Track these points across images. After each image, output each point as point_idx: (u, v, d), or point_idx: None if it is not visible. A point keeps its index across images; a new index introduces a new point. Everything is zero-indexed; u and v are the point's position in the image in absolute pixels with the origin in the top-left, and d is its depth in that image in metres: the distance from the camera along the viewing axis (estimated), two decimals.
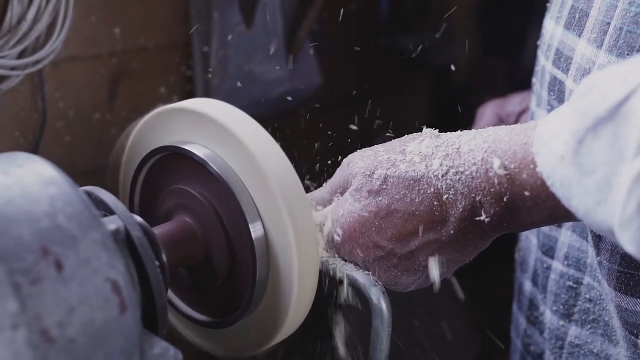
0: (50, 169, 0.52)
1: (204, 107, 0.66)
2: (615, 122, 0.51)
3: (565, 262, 0.83)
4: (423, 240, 0.67)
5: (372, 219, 0.67)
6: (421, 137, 0.69)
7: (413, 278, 0.70)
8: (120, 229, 0.55)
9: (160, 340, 0.55)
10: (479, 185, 0.63)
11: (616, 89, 0.52)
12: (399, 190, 0.66)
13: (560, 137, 0.56)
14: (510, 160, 0.61)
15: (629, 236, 0.51)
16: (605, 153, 0.52)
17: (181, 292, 0.73)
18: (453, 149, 0.65)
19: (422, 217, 0.66)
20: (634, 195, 0.50)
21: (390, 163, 0.68)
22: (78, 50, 1.06)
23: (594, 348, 0.81)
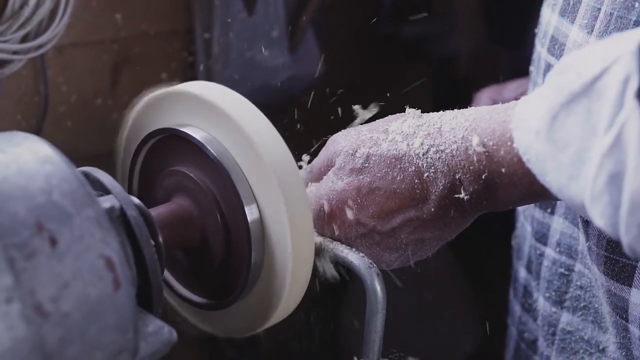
0: (46, 147, 0.53)
1: (203, 90, 0.67)
2: (589, 98, 0.52)
3: (557, 249, 0.84)
4: (404, 218, 0.68)
5: (355, 197, 0.69)
6: (404, 117, 0.70)
7: (395, 256, 0.71)
8: (114, 206, 0.56)
9: (154, 318, 0.56)
10: (458, 163, 0.65)
11: (591, 66, 0.52)
12: (381, 169, 0.68)
13: (537, 113, 0.56)
14: (489, 138, 0.62)
15: (599, 210, 0.52)
16: (579, 129, 0.53)
17: (179, 275, 0.74)
18: (434, 128, 0.66)
19: (404, 195, 0.67)
20: (603, 170, 0.50)
21: (373, 142, 0.69)
22: (80, 36, 1.06)
23: (585, 335, 0.81)
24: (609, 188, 0.50)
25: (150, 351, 0.54)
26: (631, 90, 0.49)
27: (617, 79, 0.50)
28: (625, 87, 0.49)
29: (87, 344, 0.48)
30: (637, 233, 0.50)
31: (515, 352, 1.00)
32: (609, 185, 0.50)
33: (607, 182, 0.50)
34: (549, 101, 0.55)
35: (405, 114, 0.70)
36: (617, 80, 0.50)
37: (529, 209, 0.92)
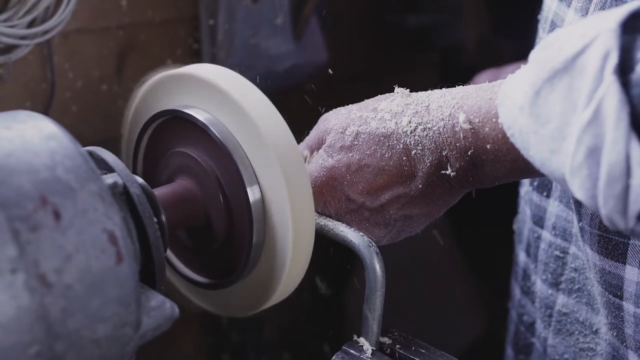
0: (51, 125, 0.54)
1: (206, 73, 0.68)
2: (570, 74, 0.53)
3: (553, 232, 0.85)
4: (393, 194, 0.70)
5: (344, 173, 0.70)
6: (393, 96, 0.72)
7: (384, 231, 0.73)
8: (117, 182, 0.57)
9: (157, 294, 0.57)
10: (445, 140, 0.66)
11: (573, 43, 0.54)
12: (370, 146, 0.69)
13: (521, 89, 0.58)
14: (475, 115, 0.64)
15: (578, 183, 0.53)
16: (560, 104, 0.54)
17: (182, 255, 0.75)
18: (422, 107, 0.68)
19: (392, 172, 0.69)
20: (582, 144, 0.52)
21: (362, 120, 0.71)
22: (86, 23, 1.07)
23: (580, 317, 0.83)
24: (587, 161, 0.52)
25: (153, 325, 0.55)
26: (610, 66, 0.50)
27: (597, 55, 0.51)
28: (604, 63, 0.51)
29: (89, 315, 0.49)
30: (614, 205, 0.52)
31: (515, 335, 1.01)
32: (587, 158, 0.52)
33: (586, 156, 0.52)
34: (532, 77, 0.56)
35: (394, 93, 0.72)
36: (596, 56, 0.51)
37: (528, 193, 0.93)
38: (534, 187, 0.90)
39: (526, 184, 0.96)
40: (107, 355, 0.51)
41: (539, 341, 0.91)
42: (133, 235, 0.57)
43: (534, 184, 0.90)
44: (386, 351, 0.66)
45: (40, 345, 0.46)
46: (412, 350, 0.66)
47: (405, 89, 0.72)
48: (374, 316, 0.65)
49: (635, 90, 0.49)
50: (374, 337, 0.66)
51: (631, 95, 0.49)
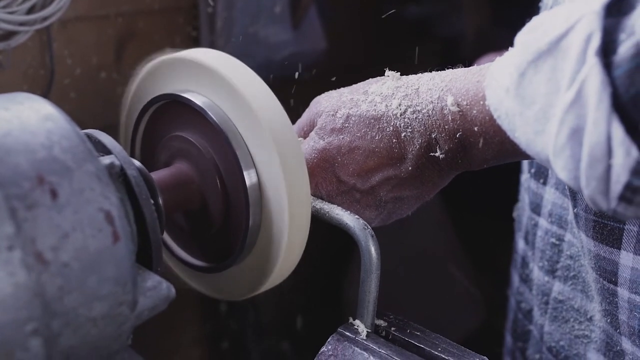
0: (48, 106, 0.54)
1: (204, 57, 0.68)
2: (554, 56, 0.54)
3: (549, 219, 0.85)
4: (383, 176, 0.71)
5: (335, 155, 0.71)
6: (384, 79, 0.73)
7: (375, 213, 0.74)
8: (114, 163, 0.57)
9: (153, 274, 0.57)
10: (434, 122, 0.67)
11: (557, 25, 0.54)
12: (360, 129, 0.70)
13: (506, 71, 0.58)
14: (463, 97, 0.65)
15: (562, 164, 0.54)
16: (544, 85, 0.54)
17: (179, 238, 0.76)
18: (412, 89, 0.69)
19: (382, 154, 0.70)
20: (565, 125, 0.52)
21: (353, 103, 0.71)
22: (85, 10, 1.08)
23: (575, 304, 0.83)
24: (570, 142, 0.52)
25: (149, 305, 0.55)
26: (592, 48, 0.50)
27: (580, 37, 0.52)
28: (587, 44, 0.51)
29: (86, 294, 0.49)
30: (596, 186, 0.52)
31: (514, 322, 1.02)
32: (570, 139, 0.52)
33: (569, 137, 0.52)
34: (517, 59, 0.57)
35: (385, 77, 0.73)
36: (580, 38, 0.52)
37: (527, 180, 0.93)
38: (531, 175, 0.90)
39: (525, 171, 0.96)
40: (104, 334, 0.51)
41: (536, 328, 0.92)
42: (130, 217, 0.58)
43: (532, 171, 0.90)
44: (381, 333, 0.67)
45: (37, 323, 0.47)
46: (407, 332, 0.66)
47: (396, 72, 0.72)
48: (369, 299, 0.66)
49: (617, 71, 0.50)
50: (369, 320, 0.66)
51: (613, 77, 0.50)
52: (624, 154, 0.50)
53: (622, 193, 0.51)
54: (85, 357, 0.51)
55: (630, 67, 0.49)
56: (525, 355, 0.97)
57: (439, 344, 0.65)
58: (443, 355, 0.63)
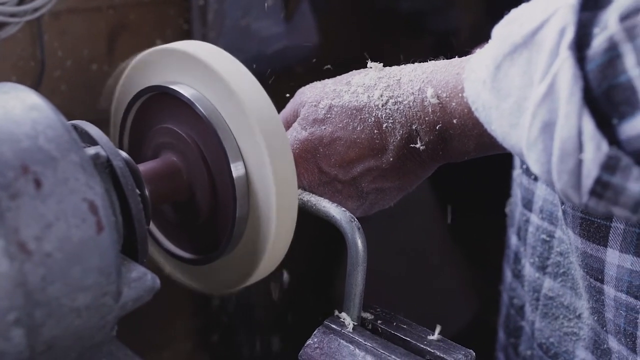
0: (34, 96, 0.54)
1: (193, 48, 0.68)
2: (529, 49, 0.54)
3: (540, 215, 0.85)
4: (364, 167, 0.71)
5: (317, 146, 0.72)
6: (366, 70, 0.73)
7: (357, 204, 0.74)
8: (100, 153, 0.57)
9: (138, 265, 0.57)
10: (415, 114, 0.67)
11: (533, 17, 0.54)
12: (342, 119, 0.70)
13: (483, 63, 0.58)
14: (443, 90, 0.65)
15: (534, 157, 0.54)
16: (519, 78, 0.54)
17: (166, 230, 0.76)
18: (394, 80, 0.69)
19: (363, 145, 0.70)
20: (537, 119, 0.52)
21: (336, 94, 0.72)
22: (77, 2, 1.07)
23: (565, 301, 0.83)
24: (542, 136, 0.52)
25: (134, 296, 0.55)
26: (566, 41, 0.50)
27: (554, 30, 0.51)
28: (560, 38, 0.51)
29: (69, 284, 0.49)
30: (567, 180, 0.52)
31: (506, 318, 1.02)
32: (542, 133, 0.52)
33: (541, 130, 0.52)
34: (494, 51, 0.57)
35: (368, 68, 0.73)
36: (554, 31, 0.51)
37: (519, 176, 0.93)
38: (523, 170, 0.90)
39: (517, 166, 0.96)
40: (87, 324, 0.51)
41: (528, 324, 0.92)
42: (116, 207, 0.58)
43: (524, 167, 0.90)
44: (368, 326, 0.67)
45: (19, 312, 0.47)
46: (394, 325, 0.66)
47: (379, 63, 0.73)
48: (356, 291, 0.66)
49: (590, 65, 0.49)
50: (355, 312, 0.66)
51: (586, 71, 0.50)
52: (594, 149, 0.50)
53: (593, 188, 0.51)
54: (69, 347, 0.51)
55: (603, 61, 0.49)
56: (518, 351, 0.97)
57: (425, 337, 0.65)
58: (429, 348, 0.63)
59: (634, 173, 0.50)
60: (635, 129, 0.48)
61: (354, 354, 0.63)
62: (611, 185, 0.51)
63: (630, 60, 0.48)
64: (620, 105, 0.48)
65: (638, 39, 0.47)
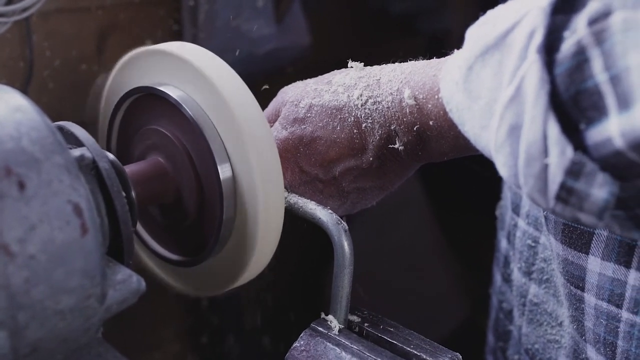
0: (18, 97, 0.54)
1: (180, 50, 0.68)
2: (500, 51, 0.53)
3: (526, 220, 0.85)
4: (345, 167, 0.71)
5: (297, 145, 0.72)
6: (347, 70, 0.72)
7: (338, 203, 0.74)
8: (85, 155, 0.57)
9: (124, 267, 0.57)
10: (393, 114, 0.67)
11: (506, 19, 0.54)
12: (322, 119, 0.70)
13: (455, 64, 0.58)
14: (420, 91, 0.65)
15: (502, 160, 0.54)
16: (490, 80, 0.54)
17: (153, 232, 0.75)
18: (374, 80, 0.69)
19: (343, 145, 0.70)
20: (504, 121, 0.52)
21: (316, 93, 0.72)
22: (66, 2, 1.07)
23: (548, 308, 0.83)
24: (509, 139, 0.52)
25: (119, 299, 0.55)
26: (534, 44, 0.50)
27: (524, 32, 0.51)
28: (529, 40, 0.50)
29: (53, 286, 0.49)
30: (534, 184, 0.52)
31: (495, 322, 1.02)
32: (509, 136, 0.52)
33: (508, 133, 0.52)
34: (467, 52, 0.57)
35: (349, 67, 0.73)
36: (523, 33, 0.51)
37: None
38: None
39: None
40: (72, 326, 0.51)
41: (516, 329, 0.92)
42: (101, 209, 0.57)
43: None
44: (354, 329, 0.67)
45: (2, 315, 0.47)
46: (380, 328, 0.66)
47: (360, 62, 0.73)
48: (343, 294, 0.66)
49: (558, 69, 0.49)
50: (342, 315, 0.66)
51: (554, 75, 0.49)
52: (559, 154, 0.49)
53: (558, 193, 0.51)
54: (53, 349, 0.51)
55: (571, 65, 0.48)
56: (506, 355, 0.97)
57: (412, 340, 0.65)
58: (415, 352, 0.63)
59: (598, 179, 0.49)
60: (601, 134, 0.48)
61: (340, 357, 0.63)
62: (575, 191, 0.50)
63: (597, 65, 0.47)
64: (587, 111, 0.48)
65: (606, 44, 0.46)
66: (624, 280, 0.67)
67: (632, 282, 0.67)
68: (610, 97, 0.46)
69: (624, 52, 0.46)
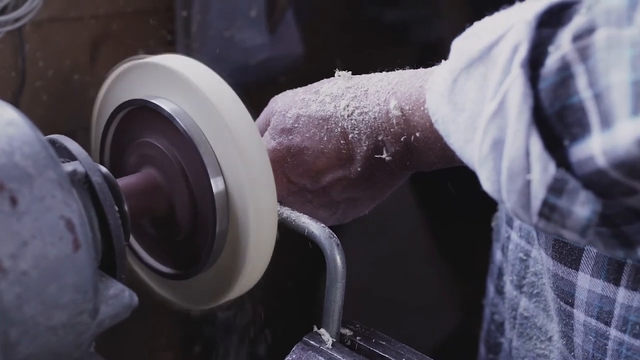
0: (10, 111, 0.54)
1: (174, 63, 0.68)
2: (485, 64, 0.53)
3: (519, 233, 0.84)
4: (333, 177, 0.71)
5: (285, 156, 0.72)
6: (335, 79, 0.72)
7: (329, 213, 0.74)
8: (77, 170, 0.56)
9: (116, 282, 0.57)
10: (380, 125, 0.67)
11: (491, 32, 0.53)
12: (309, 129, 0.70)
13: (441, 76, 0.58)
14: (406, 102, 0.65)
15: (485, 175, 0.53)
16: (474, 93, 0.54)
17: (146, 245, 0.75)
18: (361, 91, 0.69)
19: (330, 155, 0.70)
20: (487, 136, 0.52)
21: (304, 103, 0.71)
22: (59, 12, 1.07)
23: (537, 322, 0.82)
24: (492, 154, 0.52)
25: (111, 313, 0.55)
26: (518, 58, 0.50)
27: (508, 46, 0.51)
28: (513, 54, 0.50)
29: (45, 302, 0.49)
30: (517, 199, 0.51)
31: (487, 333, 1.01)
32: (492, 151, 0.52)
33: (491, 148, 0.52)
34: (452, 64, 0.56)
35: (336, 77, 0.72)
36: (508, 47, 0.51)
37: None
38: None
39: None
40: (64, 342, 0.51)
41: (507, 342, 0.91)
42: (94, 223, 0.57)
43: None
44: (346, 343, 0.67)
45: None
46: (373, 342, 0.66)
47: (348, 71, 0.72)
48: (335, 307, 0.65)
49: (542, 84, 0.49)
50: (334, 329, 0.66)
51: (538, 89, 0.49)
52: (541, 170, 0.49)
53: (541, 209, 0.50)
54: None
55: (555, 80, 0.48)
56: None
57: (404, 353, 0.65)
58: None
59: (581, 197, 0.49)
60: (584, 152, 0.47)
61: None
62: (557, 208, 0.50)
63: (582, 82, 0.47)
64: (571, 127, 0.48)
65: (590, 60, 0.46)
66: (613, 298, 0.67)
67: (621, 300, 0.66)
68: (593, 114, 0.46)
69: (607, 70, 0.45)
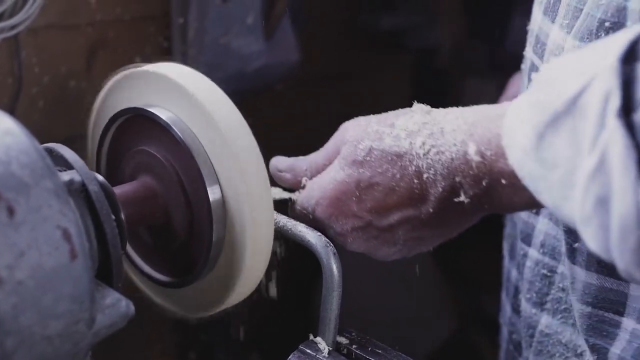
0: (7, 120, 0.54)
1: (170, 71, 0.68)
2: (572, 116, 0.50)
3: (541, 250, 0.82)
4: (402, 216, 0.68)
5: (353, 189, 0.68)
6: (412, 112, 0.68)
7: (393, 250, 0.71)
8: (74, 179, 0.56)
9: (112, 291, 0.57)
10: (458, 167, 0.63)
11: (572, 82, 0.51)
12: (382, 164, 0.67)
13: (522, 131, 0.55)
14: (486, 147, 0.61)
15: (591, 234, 0.50)
16: (566, 148, 0.51)
17: (143, 253, 0.75)
18: (438, 128, 0.65)
19: (402, 194, 0.66)
20: (590, 193, 0.49)
21: (378, 135, 0.68)
22: (56, 19, 1.07)
23: (563, 338, 0.80)
24: (597, 211, 0.49)
25: (107, 323, 0.55)
26: (612, 109, 0.47)
27: (597, 97, 0.48)
28: (605, 104, 0.48)
29: (41, 312, 0.49)
30: (630, 258, 0.48)
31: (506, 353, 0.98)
32: (597, 208, 0.49)
33: (595, 205, 0.49)
34: (534, 120, 0.54)
35: (413, 109, 0.69)
36: (597, 97, 0.48)
37: None
38: None
39: None
40: (60, 352, 0.51)
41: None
42: (90, 233, 0.57)
43: None
44: (343, 351, 0.67)
45: None
46: (369, 350, 0.66)
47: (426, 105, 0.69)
48: (331, 316, 0.66)
49: None
50: (330, 337, 0.66)
51: (638, 140, 0.46)
52: None
53: None
54: None
55: None
56: None
57: None
58: None
59: None
60: None
61: None
62: None
63: None
64: None
65: None
66: None
67: None
68: None
69: None
